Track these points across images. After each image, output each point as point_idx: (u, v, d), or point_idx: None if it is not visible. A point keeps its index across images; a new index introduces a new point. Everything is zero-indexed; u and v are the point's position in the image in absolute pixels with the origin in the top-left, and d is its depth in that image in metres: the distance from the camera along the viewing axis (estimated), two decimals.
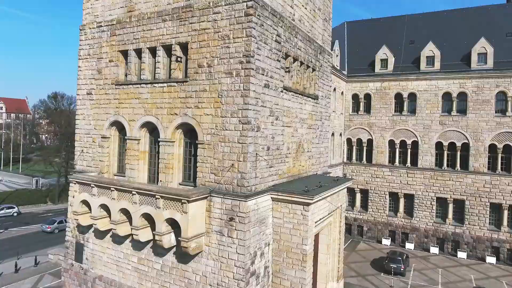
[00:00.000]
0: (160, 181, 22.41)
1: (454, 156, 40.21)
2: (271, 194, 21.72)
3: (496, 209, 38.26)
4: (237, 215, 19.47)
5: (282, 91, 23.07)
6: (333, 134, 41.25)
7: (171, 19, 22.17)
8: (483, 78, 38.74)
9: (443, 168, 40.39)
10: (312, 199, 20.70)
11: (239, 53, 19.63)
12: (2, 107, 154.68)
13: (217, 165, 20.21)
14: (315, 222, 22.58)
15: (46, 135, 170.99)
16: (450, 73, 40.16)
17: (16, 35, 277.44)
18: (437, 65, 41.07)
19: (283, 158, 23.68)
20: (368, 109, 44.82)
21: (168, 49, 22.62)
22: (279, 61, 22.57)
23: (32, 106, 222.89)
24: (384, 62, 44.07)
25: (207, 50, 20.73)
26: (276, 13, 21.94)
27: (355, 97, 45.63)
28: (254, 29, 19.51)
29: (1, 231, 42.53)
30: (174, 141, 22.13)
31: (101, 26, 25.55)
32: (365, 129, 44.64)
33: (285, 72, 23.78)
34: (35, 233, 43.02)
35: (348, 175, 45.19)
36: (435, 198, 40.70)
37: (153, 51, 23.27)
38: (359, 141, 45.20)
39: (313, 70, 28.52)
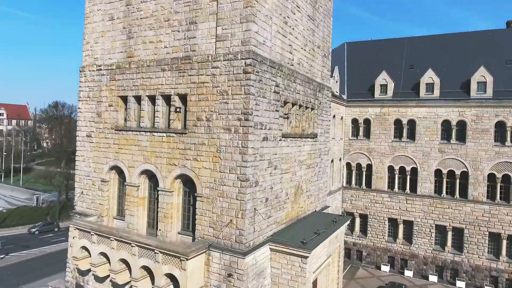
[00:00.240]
0: (159, 230, 22.53)
1: (453, 183, 40.28)
2: (269, 245, 21.85)
3: (495, 238, 38.33)
4: (235, 272, 19.58)
5: (280, 140, 23.18)
6: (332, 161, 41.33)
7: (170, 69, 22.28)
8: (482, 107, 38.80)
9: (442, 196, 40.46)
10: (309, 253, 20.82)
11: (237, 110, 19.74)
12: (3, 113, 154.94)
13: (215, 219, 20.33)
14: (314, 271, 22.70)
15: (47, 141, 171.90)
16: (449, 101, 40.24)
17: (17, 35, 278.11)
18: (437, 92, 41.15)
19: (282, 205, 23.79)
20: (367, 134, 44.90)
21: (167, 98, 22.73)
22: (278, 110, 22.68)
23: (33, 109, 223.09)
24: (384, 87, 44.15)
25: (206, 104, 20.85)
26: (275, 64, 22.05)
27: (354, 121, 45.72)
28: (253, 86, 19.62)
29: (2, 256, 42.77)
30: (173, 191, 22.26)
31: (100, 69, 25.68)
32: (364, 154, 44.72)
33: (284, 119, 23.91)
34: (35, 258, 43.21)
35: (347, 199, 45.32)
36: (434, 225, 40.78)
37: (152, 98, 23.39)
38: (359, 165, 45.29)
39: (312, 109, 28.63)
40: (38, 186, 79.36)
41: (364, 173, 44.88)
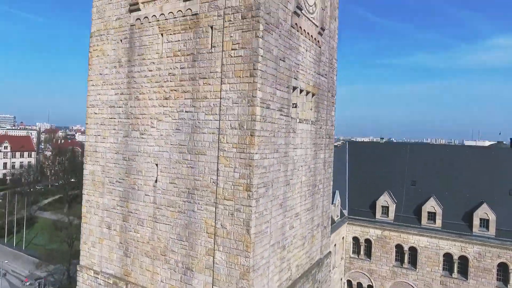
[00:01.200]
0: None
1: None
2: None
3: None
4: None
5: None
6: None
7: None
8: (485, 246, 38.39)
9: None
10: None
11: None
12: (7, 146, 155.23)
13: None
14: None
15: (50, 169, 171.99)
16: (451, 234, 39.83)
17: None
18: (439, 222, 40.79)
19: None
20: (368, 254, 44.57)
21: None
22: None
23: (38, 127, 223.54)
24: (385, 209, 43.80)
25: None
26: None
27: (355, 239, 45.38)
28: None
29: None
30: None
31: (97, 278, 25.55)
32: (365, 275, 44.41)
33: None
34: None
35: None
36: None
37: None
38: (359, 284, 44.94)
39: None
40: (41, 249, 79.12)
41: None
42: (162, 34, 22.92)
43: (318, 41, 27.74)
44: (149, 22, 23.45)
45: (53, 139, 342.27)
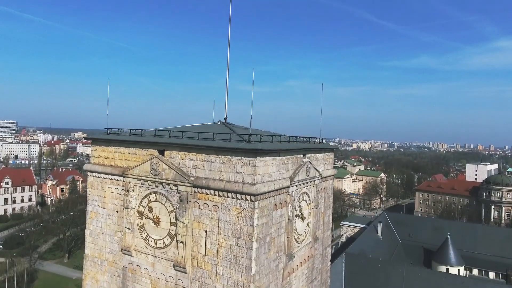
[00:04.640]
0: None
1: None
2: None
3: None
4: None
5: None
6: None
7: None
8: None
9: None
10: None
11: None
12: (8, 182, 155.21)
13: None
14: None
15: (51, 198, 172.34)
16: None
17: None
18: None
19: None
20: None
21: None
22: None
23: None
24: None
25: None
26: None
27: None
28: None
29: None
30: None
31: None
32: None
33: None
34: None
35: None
36: None
37: None
38: None
39: None
40: None
41: None
42: None
43: (311, 254, 27.75)
44: (142, 273, 23.51)
45: (56, 152, 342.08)
